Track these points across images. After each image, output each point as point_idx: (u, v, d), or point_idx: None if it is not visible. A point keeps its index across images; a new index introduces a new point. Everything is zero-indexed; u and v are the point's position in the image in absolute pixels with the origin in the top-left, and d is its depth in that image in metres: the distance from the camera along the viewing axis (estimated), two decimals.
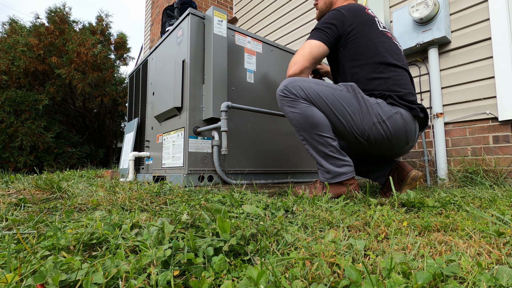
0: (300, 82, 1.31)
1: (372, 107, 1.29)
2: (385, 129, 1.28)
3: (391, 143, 1.32)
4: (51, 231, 0.66)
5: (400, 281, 0.42)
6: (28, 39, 6.08)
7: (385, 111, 1.29)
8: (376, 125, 1.28)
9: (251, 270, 0.44)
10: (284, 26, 3.72)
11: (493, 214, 0.90)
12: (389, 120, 1.28)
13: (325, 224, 0.81)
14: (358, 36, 1.38)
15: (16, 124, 5.62)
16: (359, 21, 1.39)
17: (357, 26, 1.38)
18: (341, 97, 1.29)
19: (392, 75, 1.36)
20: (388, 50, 1.38)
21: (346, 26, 1.38)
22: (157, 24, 5.12)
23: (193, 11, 1.78)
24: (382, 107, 1.29)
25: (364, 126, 1.28)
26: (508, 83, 1.96)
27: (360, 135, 1.30)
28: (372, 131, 1.28)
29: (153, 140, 2.19)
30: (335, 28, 1.38)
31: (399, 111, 1.31)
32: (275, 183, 1.99)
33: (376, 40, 1.38)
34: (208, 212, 0.82)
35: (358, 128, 1.29)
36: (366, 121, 1.28)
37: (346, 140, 1.38)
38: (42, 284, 0.40)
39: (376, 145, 1.33)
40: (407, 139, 1.34)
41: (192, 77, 1.75)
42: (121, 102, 7.37)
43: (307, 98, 1.28)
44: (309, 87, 1.30)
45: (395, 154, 1.44)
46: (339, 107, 1.28)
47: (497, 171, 1.98)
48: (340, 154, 1.31)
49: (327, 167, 1.30)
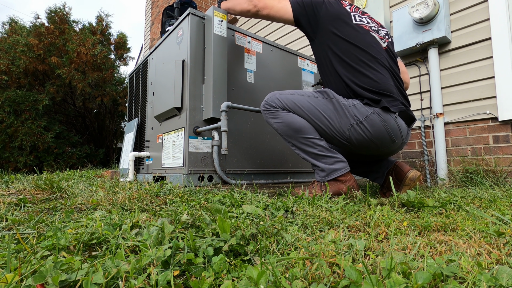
0: (278, 94, 1.39)
1: (348, 110, 1.30)
2: (364, 129, 1.29)
3: (374, 143, 1.32)
4: (51, 231, 0.66)
5: (400, 281, 0.42)
6: (28, 39, 6.08)
7: (361, 112, 1.29)
8: (354, 127, 1.29)
9: (251, 270, 0.44)
10: (284, 26, 3.72)
11: (493, 214, 0.90)
12: (366, 120, 1.29)
13: (325, 224, 0.81)
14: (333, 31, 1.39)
15: (16, 124, 5.62)
16: (335, 14, 1.41)
17: (331, 19, 1.40)
18: (317, 104, 1.33)
19: (368, 73, 1.33)
20: (366, 44, 1.37)
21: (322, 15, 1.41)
22: (157, 24, 5.12)
23: (193, 11, 1.78)
24: (358, 108, 1.30)
25: (343, 129, 1.30)
26: (508, 83, 1.96)
27: (342, 138, 1.32)
28: (352, 133, 1.30)
29: (153, 140, 2.19)
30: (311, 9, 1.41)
31: (375, 111, 1.29)
32: (275, 183, 1.99)
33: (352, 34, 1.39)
34: (208, 212, 0.82)
35: (338, 131, 1.31)
36: (344, 124, 1.30)
37: (332, 144, 1.39)
38: (42, 284, 0.40)
39: (361, 146, 1.34)
40: (391, 137, 1.32)
41: (192, 77, 1.75)
42: (121, 102, 7.37)
43: (285, 108, 1.35)
44: (285, 97, 1.36)
45: (386, 153, 1.43)
46: (316, 114, 1.33)
47: (497, 171, 1.98)
48: (330, 152, 1.34)
49: (320, 166, 1.33)
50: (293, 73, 2.30)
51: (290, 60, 2.29)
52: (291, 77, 2.28)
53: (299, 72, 2.35)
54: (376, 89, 1.31)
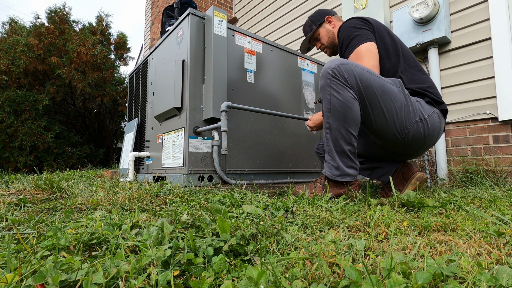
0: (355, 68, 1.20)
1: (415, 105, 1.31)
2: (425, 127, 1.31)
3: (425, 141, 1.34)
4: (51, 231, 0.66)
5: (400, 281, 0.42)
6: (28, 39, 6.08)
7: (425, 110, 1.32)
8: (418, 123, 1.30)
9: (251, 270, 0.44)
10: (284, 26, 3.72)
11: (493, 214, 0.90)
12: (430, 118, 1.32)
13: (325, 224, 0.81)
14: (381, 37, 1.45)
15: (16, 124, 5.61)
16: (377, 25, 1.47)
17: (377, 28, 1.46)
18: (391, 91, 1.25)
19: (421, 74, 1.42)
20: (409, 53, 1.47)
21: (372, 28, 1.45)
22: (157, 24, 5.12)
23: (193, 11, 1.78)
24: (423, 105, 1.33)
25: (407, 123, 1.28)
26: (508, 83, 1.96)
27: (399, 132, 1.28)
28: (414, 128, 1.29)
29: (153, 140, 2.19)
30: (369, 27, 1.44)
31: (436, 111, 1.35)
32: (275, 183, 1.99)
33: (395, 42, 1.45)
34: (208, 212, 0.82)
35: (400, 124, 1.27)
36: (409, 118, 1.28)
37: (377, 137, 1.34)
38: (42, 284, 0.40)
39: (411, 143, 1.33)
40: (436, 138, 1.39)
41: (192, 77, 1.75)
42: (121, 102, 7.37)
43: (357, 88, 1.20)
44: (362, 75, 1.20)
45: (414, 155, 1.46)
46: (388, 101, 1.23)
47: (497, 171, 1.98)
48: (354, 156, 1.27)
49: (337, 163, 1.25)
50: (293, 73, 2.30)
51: (290, 60, 2.29)
52: (291, 77, 2.28)
53: (299, 72, 2.35)
54: (434, 89, 1.39)
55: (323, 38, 1.69)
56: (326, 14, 1.68)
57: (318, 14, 1.69)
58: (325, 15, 1.68)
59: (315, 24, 1.68)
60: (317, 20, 1.68)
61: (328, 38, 1.67)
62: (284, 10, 3.73)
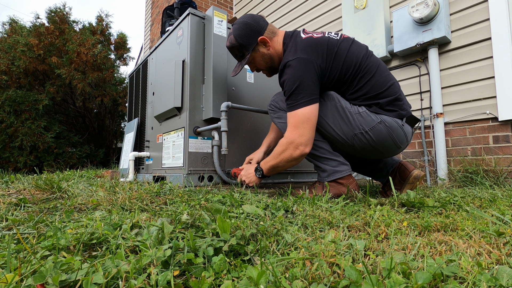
0: (282, 96, 1.41)
1: (353, 118, 1.28)
2: (368, 139, 1.29)
3: (379, 150, 1.33)
4: (51, 231, 0.66)
5: (400, 281, 0.42)
6: (28, 39, 6.08)
7: (367, 122, 1.27)
8: (358, 136, 1.29)
9: (251, 270, 0.44)
10: (284, 26, 3.72)
11: (493, 214, 0.90)
12: (372, 130, 1.27)
13: (325, 224, 0.81)
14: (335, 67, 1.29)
15: (16, 124, 5.61)
16: (327, 56, 1.27)
17: (328, 63, 1.28)
18: (320, 108, 1.31)
19: (380, 78, 1.30)
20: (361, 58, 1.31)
21: (322, 68, 1.27)
22: (157, 24, 5.12)
23: (193, 11, 1.78)
24: (364, 117, 1.27)
25: (347, 136, 1.30)
26: (508, 83, 1.96)
27: (344, 144, 1.33)
28: (355, 140, 1.30)
29: (153, 140, 2.19)
30: (315, 68, 1.25)
31: (383, 120, 1.26)
32: (275, 183, 1.99)
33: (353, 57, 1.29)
34: (208, 212, 0.82)
35: (341, 137, 1.32)
36: (347, 131, 1.29)
37: (335, 147, 1.38)
38: (42, 284, 0.40)
39: (364, 153, 1.35)
40: (396, 144, 1.32)
41: (192, 77, 1.75)
42: (121, 102, 7.37)
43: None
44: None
45: (390, 155, 1.44)
46: (318, 118, 1.31)
47: (497, 171, 1.98)
48: (332, 155, 1.35)
49: (322, 167, 1.36)
50: None
51: None
52: None
53: None
54: (391, 93, 1.31)
55: (259, 64, 1.47)
56: (258, 34, 1.38)
57: (247, 35, 1.38)
58: (256, 35, 1.38)
59: (247, 50, 1.41)
60: (249, 44, 1.39)
61: (265, 63, 1.46)
62: (284, 10, 3.74)
